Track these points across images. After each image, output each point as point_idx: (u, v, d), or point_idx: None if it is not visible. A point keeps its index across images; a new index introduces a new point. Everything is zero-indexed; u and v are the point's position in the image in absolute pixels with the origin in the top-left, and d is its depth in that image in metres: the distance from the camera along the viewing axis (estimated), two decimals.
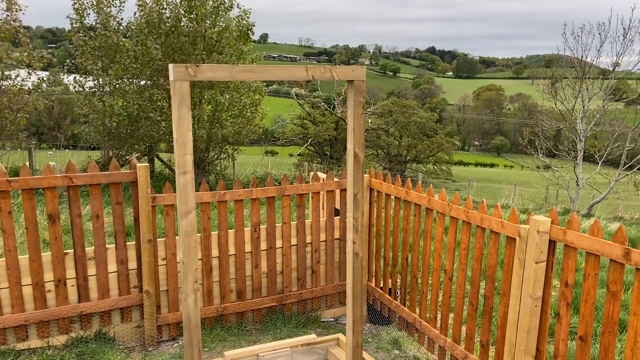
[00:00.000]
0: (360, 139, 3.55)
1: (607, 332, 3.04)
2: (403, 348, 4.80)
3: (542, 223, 3.35)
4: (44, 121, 29.70)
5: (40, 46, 63.46)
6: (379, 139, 39.04)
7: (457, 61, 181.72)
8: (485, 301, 3.94)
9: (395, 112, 40.23)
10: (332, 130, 35.97)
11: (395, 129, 40.39)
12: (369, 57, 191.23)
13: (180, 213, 3.07)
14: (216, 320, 4.84)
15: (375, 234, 5.20)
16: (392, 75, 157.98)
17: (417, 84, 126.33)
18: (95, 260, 4.34)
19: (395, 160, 39.65)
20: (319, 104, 37.93)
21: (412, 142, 39.44)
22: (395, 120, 39.75)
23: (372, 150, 39.93)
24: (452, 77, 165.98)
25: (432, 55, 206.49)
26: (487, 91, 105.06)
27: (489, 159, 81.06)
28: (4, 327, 4.04)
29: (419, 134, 39.47)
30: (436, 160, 41.00)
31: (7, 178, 3.89)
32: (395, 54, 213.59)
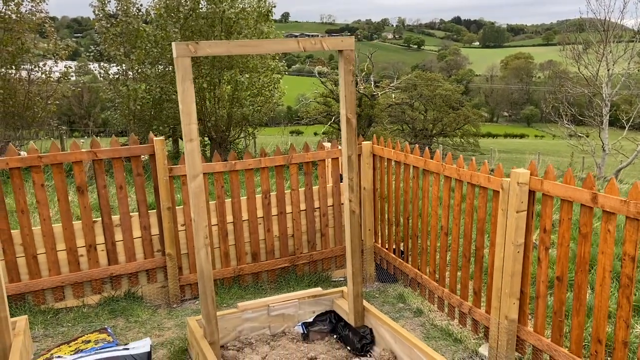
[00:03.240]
0: (351, 105, 3.85)
1: (580, 270, 3.31)
2: (407, 302, 5.14)
3: (522, 175, 3.61)
4: (75, 110, 30.67)
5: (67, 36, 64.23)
6: (403, 113, 38.77)
7: (484, 30, 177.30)
8: (477, 252, 4.24)
9: (419, 85, 39.80)
10: (356, 107, 35.75)
11: (420, 102, 40.02)
12: (392, 31, 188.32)
13: (189, 176, 3.44)
14: (234, 280, 5.26)
15: (379, 198, 5.51)
16: (416, 49, 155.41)
17: (443, 56, 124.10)
18: (121, 227, 4.80)
19: (420, 135, 39.43)
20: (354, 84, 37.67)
21: (438, 115, 39.03)
22: (419, 94, 39.35)
23: (397, 125, 39.76)
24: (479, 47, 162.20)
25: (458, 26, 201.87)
26: (515, 60, 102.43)
27: (519, 130, 79.51)
28: (43, 288, 4.55)
29: (445, 107, 38.97)
30: (463, 133, 40.43)
31: (38, 154, 4.35)
32: (419, 26, 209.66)
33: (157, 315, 4.73)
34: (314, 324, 4.38)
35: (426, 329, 4.62)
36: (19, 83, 11.21)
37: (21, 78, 11.29)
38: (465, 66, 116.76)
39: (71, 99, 26.18)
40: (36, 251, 4.51)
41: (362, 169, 5.50)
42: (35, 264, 4.52)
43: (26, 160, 4.33)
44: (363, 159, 5.48)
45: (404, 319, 4.84)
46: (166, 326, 4.52)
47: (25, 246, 4.46)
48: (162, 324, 4.55)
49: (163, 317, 4.71)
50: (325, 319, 4.43)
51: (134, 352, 2.68)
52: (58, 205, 4.53)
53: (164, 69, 11.81)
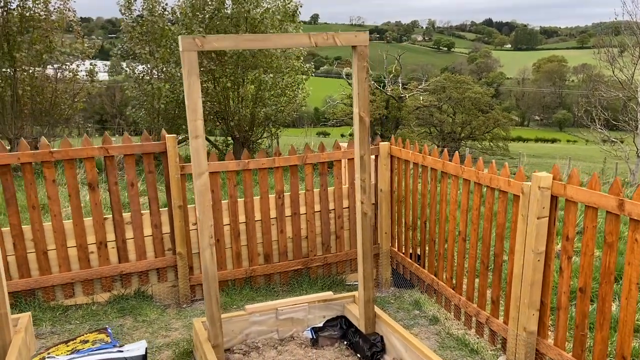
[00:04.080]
0: (364, 103, 3.70)
1: (605, 282, 3.08)
2: (423, 308, 4.95)
3: (544, 179, 3.40)
4: (107, 108, 31.23)
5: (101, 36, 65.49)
6: (431, 116, 38.28)
7: (516, 32, 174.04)
8: (495, 259, 4.03)
9: (448, 88, 39.24)
10: (383, 109, 35.69)
11: (448, 105, 39.45)
12: (422, 33, 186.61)
13: (194, 174, 3.35)
14: (245, 282, 5.16)
15: (396, 200, 5.33)
16: (446, 51, 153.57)
17: (473, 59, 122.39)
18: (132, 225, 4.75)
19: (448, 138, 38.87)
20: (369, 82, 37.49)
21: (467, 118, 38.38)
22: (448, 97, 38.77)
23: (425, 128, 39.29)
24: (511, 50, 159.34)
25: (489, 28, 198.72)
26: (548, 63, 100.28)
27: (551, 134, 77.73)
28: (53, 284, 4.53)
29: (474, 110, 38.28)
30: (492, 137, 39.60)
31: (50, 150, 4.33)
32: (450, 28, 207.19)
33: (165, 315, 4.66)
34: (324, 329, 4.25)
35: (441, 337, 4.42)
36: (46, 80, 11.39)
37: (48, 76, 11.48)
38: (496, 69, 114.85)
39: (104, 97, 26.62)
40: (46, 247, 4.49)
41: (380, 170, 5.34)
42: (46, 260, 4.50)
43: (37, 155, 4.31)
44: (380, 160, 5.32)
45: (418, 326, 4.65)
46: (174, 327, 4.45)
47: (36, 242, 4.45)
48: (169, 325, 4.48)
49: (171, 317, 4.64)
50: (335, 324, 4.29)
51: (128, 354, 2.59)
52: (69, 201, 4.51)
53: None
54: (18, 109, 11.14)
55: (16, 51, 10.60)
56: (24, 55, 10.61)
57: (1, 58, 10.60)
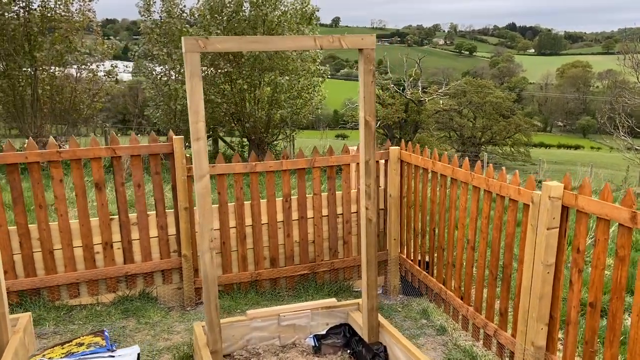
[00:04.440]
0: (370, 107, 3.61)
1: (615, 297, 2.95)
2: (431, 318, 4.84)
3: (554, 188, 3.28)
4: (130, 108, 31.73)
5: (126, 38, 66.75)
6: (451, 120, 37.88)
7: (540, 37, 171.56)
8: (504, 270, 3.91)
9: (469, 92, 38.79)
10: (402, 113, 35.43)
11: (469, 109, 38.99)
12: (444, 37, 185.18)
13: (195, 177, 3.31)
14: (251, 285, 5.12)
15: (406, 206, 5.23)
16: (468, 55, 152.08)
17: (495, 63, 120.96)
18: (137, 226, 4.74)
19: (468, 143, 38.43)
20: (388, 86, 37.42)
21: (487, 123, 37.87)
22: (469, 101, 38.31)
23: (445, 132, 38.91)
24: (534, 55, 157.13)
25: (512, 32, 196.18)
26: (572, 68, 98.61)
27: (574, 141, 76.37)
28: (58, 284, 4.54)
29: (495, 115, 37.75)
30: (514, 142, 38.96)
31: (57, 149, 4.34)
32: (472, 32, 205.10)
33: (169, 318, 4.63)
34: (327, 337, 4.16)
35: (448, 349, 4.31)
36: (66, 80, 11.55)
37: (68, 76, 11.64)
38: (519, 73, 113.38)
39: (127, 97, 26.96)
40: (53, 246, 4.51)
41: (389, 175, 5.25)
42: (52, 259, 4.51)
43: (45, 155, 4.33)
44: (390, 165, 5.23)
45: (425, 336, 4.55)
46: (176, 330, 4.42)
47: (42, 241, 4.46)
48: (172, 328, 4.45)
49: (175, 320, 4.61)
50: (339, 332, 4.21)
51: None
52: (76, 201, 4.51)
53: (205, 70, 11.91)
54: (38, 107, 11.32)
55: (37, 51, 10.77)
56: (44, 55, 10.77)
57: (22, 57, 10.78)
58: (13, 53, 10.67)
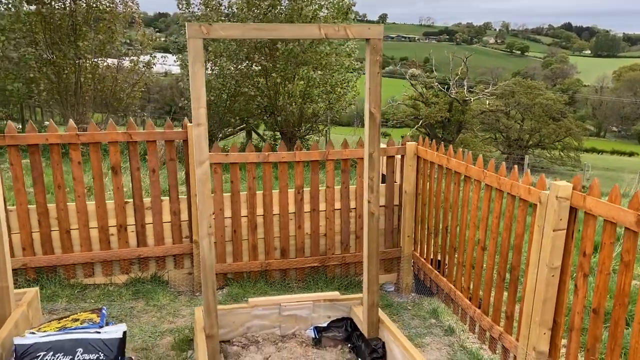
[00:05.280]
0: (376, 98, 3.56)
1: (618, 304, 2.79)
2: (440, 318, 4.73)
3: (562, 188, 3.13)
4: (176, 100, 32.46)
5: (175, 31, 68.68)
6: (497, 121, 36.86)
7: (597, 38, 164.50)
8: (512, 271, 3.77)
9: (518, 93, 37.60)
10: (445, 112, 34.81)
11: (517, 111, 37.84)
12: (495, 36, 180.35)
13: (195, 163, 3.34)
14: (260, 275, 5.14)
15: (420, 203, 5.13)
16: (519, 55, 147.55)
17: (548, 64, 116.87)
18: (151, 210, 4.84)
19: (514, 145, 37.32)
20: (432, 84, 36.84)
21: (536, 125, 36.61)
22: (517, 102, 37.14)
23: (490, 133, 37.93)
24: (590, 56, 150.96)
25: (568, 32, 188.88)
26: (630, 71, 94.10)
27: (628, 147, 72.89)
28: (74, 262, 4.69)
29: (544, 117, 36.43)
30: (563, 147, 37.45)
31: (77, 132, 4.48)
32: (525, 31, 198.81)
33: (177, 302, 4.72)
34: (329, 330, 4.14)
35: (454, 350, 4.20)
36: (107, 69, 11.93)
37: (109, 65, 12.02)
38: (573, 75, 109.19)
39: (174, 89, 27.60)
40: (70, 226, 4.66)
41: (405, 171, 5.16)
42: (68, 238, 4.67)
43: (65, 137, 4.48)
44: (406, 161, 5.14)
45: (432, 335, 4.45)
46: (182, 314, 4.49)
47: (60, 220, 4.62)
48: (178, 311, 4.53)
49: (182, 304, 4.69)
50: (341, 325, 4.17)
51: (104, 336, 2.61)
52: (93, 183, 4.65)
53: (239, 63, 12.05)
54: (80, 95, 11.74)
55: (81, 40, 11.16)
56: (87, 45, 11.15)
57: (67, 46, 11.19)
58: (59, 42, 11.11)
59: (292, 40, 11.56)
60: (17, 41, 10.95)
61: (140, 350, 3.78)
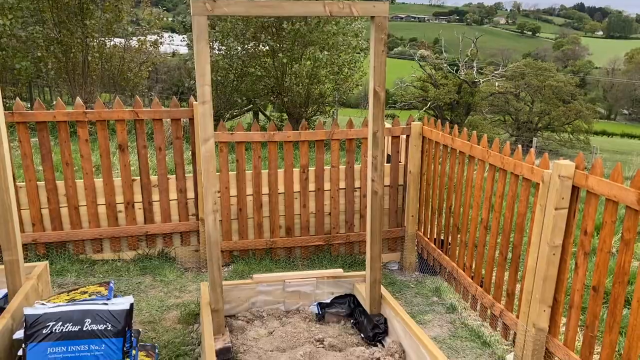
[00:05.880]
0: (381, 77, 3.56)
1: (618, 282, 2.82)
2: (442, 296, 4.79)
3: (565, 167, 3.14)
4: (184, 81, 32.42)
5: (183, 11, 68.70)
6: (507, 103, 36.43)
7: (609, 19, 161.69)
8: (514, 250, 3.81)
9: (528, 74, 37.09)
10: (454, 94, 34.51)
11: (526, 93, 37.39)
12: (506, 16, 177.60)
13: (200, 140, 3.38)
14: (266, 253, 5.21)
15: (425, 183, 5.15)
16: (530, 35, 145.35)
17: (559, 45, 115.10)
18: (158, 188, 4.90)
19: (524, 128, 36.99)
20: (441, 65, 36.47)
21: (546, 107, 36.13)
22: (527, 84, 36.65)
23: (499, 115, 37.59)
24: (602, 37, 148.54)
25: (580, 13, 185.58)
26: None
27: (639, 130, 72.16)
28: (82, 238, 4.78)
29: (554, 100, 35.92)
30: (573, 129, 36.97)
31: (84, 110, 4.52)
32: (537, 11, 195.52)
33: (183, 278, 4.80)
34: (332, 306, 4.20)
35: (455, 326, 4.27)
36: (114, 49, 11.93)
37: (117, 44, 12.01)
38: (584, 57, 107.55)
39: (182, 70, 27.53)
40: (78, 203, 4.73)
41: (410, 150, 5.17)
42: (77, 215, 4.75)
43: (72, 114, 4.52)
44: (411, 141, 5.15)
45: (434, 313, 4.51)
46: (188, 289, 4.57)
47: (68, 197, 4.69)
48: (185, 287, 4.61)
49: (189, 280, 4.78)
50: (344, 302, 4.23)
51: (112, 307, 2.68)
52: (100, 161, 4.70)
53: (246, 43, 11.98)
54: (88, 74, 11.77)
55: (88, 19, 11.15)
56: (94, 23, 11.14)
57: (74, 25, 11.19)
58: (66, 20, 11.10)
59: (299, 19, 11.46)
60: (24, 20, 10.96)
61: (148, 324, 3.87)
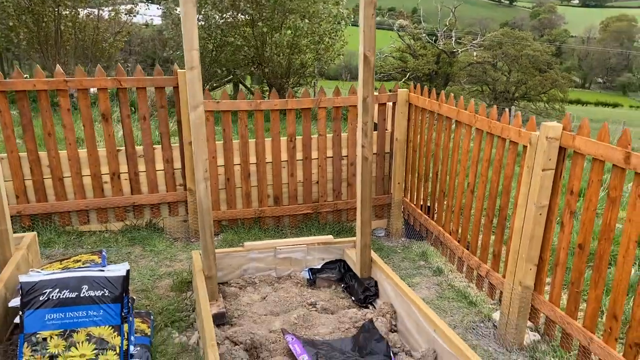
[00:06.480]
0: (370, 42, 3.54)
1: (604, 239, 2.92)
2: (429, 260, 4.89)
3: (553, 129, 3.20)
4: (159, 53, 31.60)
5: None
6: (484, 73, 36.55)
7: None
8: (500, 212, 3.89)
9: (505, 44, 37.17)
10: (433, 64, 34.47)
11: (504, 63, 37.53)
12: None
13: (190, 107, 3.34)
14: (254, 222, 5.22)
15: (411, 150, 5.19)
16: (507, 5, 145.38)
17: (536, 14, 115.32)
18: (144, 158, 4.84)
19: (501, 97, 37.26)
20: (420, 35, 36.30)
21: (522, 77, 36.39)
22: (504, 54, 36.75)
23: (477, 86, 37.77)
24: (578, 6, 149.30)
25: None
26: (617, 22, 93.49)
27: (612, 98, 73.33)
28: (68, 210, 4.72)
29: (531, 69, 36.14)
30: (549, 98, 37.43)
31: (64, 78, 4.41)
32: None
33: (173, 248, 4.80)
34: (322, 271, 4.27)
35: (442, 288, 4.38)
36: (88, 17, 11.57)
37: (90, 14, 11.64)
38: (560, 26, 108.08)
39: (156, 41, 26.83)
40: (62, 174, 4.66)
41: (397, 118, 5.19)
42: (62, 186, 4.68)
43: (52, 83, 4.41)
44: (398, 108, 5.16)
45: (421, 276, 4.61)
46: (179, 258, 4.58)
47: (52, 168, 4.61)
48: (175, 256, 4.62)
49: (179, 249, 4.78)
50: (334, 267, 4.30)
51: (108, 274, 2.68)
52: (83, 131, 4.62)
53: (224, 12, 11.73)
54: (61, 45, 11.42)
55: None
56: None
57: None
58: None
59: None
60: None
61: (141, 292, 3.88)
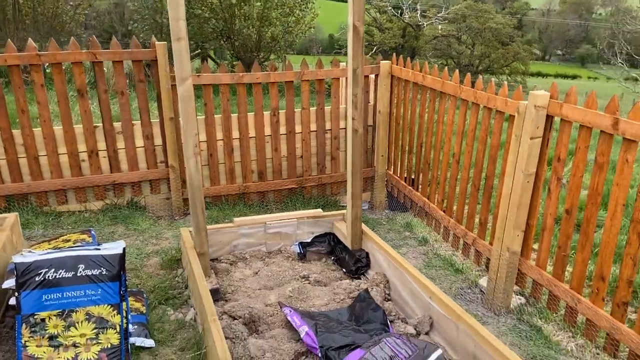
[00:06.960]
0: (360, 10, 3.51)
1: (591, 203, 3.02)
2: (414, 230, 4.97)
3: (541, 97, 3.26)
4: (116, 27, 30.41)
5: None
6: (449, 47, 36.84)
7: None
8: (486, 181, 3.97)
9: (469, 17, 37.43)
10: (399, 38, 34.45)
11: (468, 36, 37.84)
12: None
13: (177, 79, 3.24)
14: (239, 198, 5.18)
15: (395, 123, 5.21)
16: None
17: None
18: (123, 135, 4.70)
19: (465, 71, 37.58)
20: (386, 8, 36.17)
21: (486, 50, 36.85)
22: (468, 27, 37.04)
23: (441, 59, 38.05)
24: None
25: None
26: None
27: (572, 70, 75.01)
28: (45, 190, 4.56)
29: (494, 42, 36.58)
30: (511, 71, 38.08)
31: (37, 52, 4.21)
32: None
33: (157, 226, 4.72)
34: (312, 245, 4.28)
35: (428, 257, 4.46)
36: None
37: None
38: None
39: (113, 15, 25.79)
40: (37, 153, 4.49)
41: (379, 90, 5.18)
42: (37, 165, 4.51)
43: (24, 58, 4.21)
44: (380, 80, 5.15)
45: (407, 246, 4.69)
46: (165, 236, 4.51)
47: (27, 147, 4.43)
48: (161, 234, 4.54)
49: (163, 227, 4.70)
50: (324, 240, 4.32)
51: (105, 252, 2.62)
52: (58, 107, 4.44)
53: None
54: (20, 19, 10.88)
55: None
56: None
57: None
58: None
59: None
60: None
61: (130, 271, 3.81)
